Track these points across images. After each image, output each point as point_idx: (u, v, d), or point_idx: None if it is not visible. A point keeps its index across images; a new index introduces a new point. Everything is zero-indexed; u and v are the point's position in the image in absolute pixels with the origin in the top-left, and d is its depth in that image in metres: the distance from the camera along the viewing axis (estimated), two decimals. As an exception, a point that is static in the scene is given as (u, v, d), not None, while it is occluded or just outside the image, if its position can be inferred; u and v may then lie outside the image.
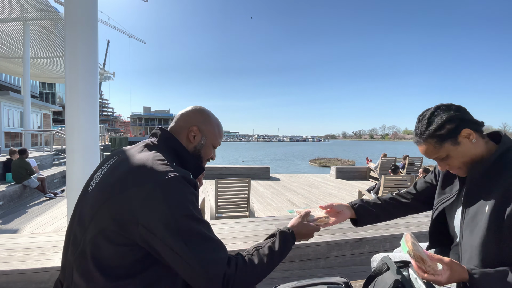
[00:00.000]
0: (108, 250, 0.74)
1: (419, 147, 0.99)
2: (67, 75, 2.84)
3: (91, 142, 2.92)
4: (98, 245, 0.74)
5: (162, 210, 0.71)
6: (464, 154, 0.92)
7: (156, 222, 0.71)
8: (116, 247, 0.73)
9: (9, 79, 20.29)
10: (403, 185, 4.43)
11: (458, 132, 0.90)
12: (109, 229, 0.73)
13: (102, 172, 0.87)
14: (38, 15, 10.35)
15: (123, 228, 0.73)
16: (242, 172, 9.37)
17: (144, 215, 0.72)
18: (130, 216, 0.72)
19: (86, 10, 2.88)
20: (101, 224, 0.75)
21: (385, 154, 9.55)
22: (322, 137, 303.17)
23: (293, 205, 5.77)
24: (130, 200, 0.73)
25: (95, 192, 0.82)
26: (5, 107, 11.99)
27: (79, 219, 0.82)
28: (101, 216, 0.75)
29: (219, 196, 3.63)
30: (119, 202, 0.74)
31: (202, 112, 1.02)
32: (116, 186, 0.77)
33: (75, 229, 0.82)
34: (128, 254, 0.74)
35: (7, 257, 1.97)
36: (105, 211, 0.75)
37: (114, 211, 0.74)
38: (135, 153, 0.86)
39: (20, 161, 5.98)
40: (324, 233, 2.59)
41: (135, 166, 0.80)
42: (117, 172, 0.81)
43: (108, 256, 0.74)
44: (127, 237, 0.73)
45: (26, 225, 4.39)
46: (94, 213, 0.77)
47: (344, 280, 1.08)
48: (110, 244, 0.73)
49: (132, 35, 69.28)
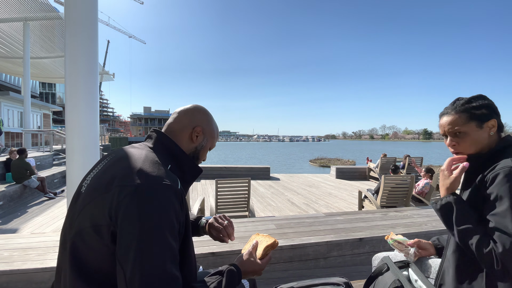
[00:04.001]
0: (85, 252, 0.72)
1: (444, 118, 1.04)
2: (67, 75, 2.84)
3: (91, 142, 2.92)
4: (77, 246, 0.72)
5: (133, 215, 0.67)
6: (478, 139, 0.98)
7: (122, 226, 0.67)
8: (91, 249, 0.71)
9: (9, 79, 20.28)
10: (403, 185, 4.42)
11: (487, 119, 0.98)
12: (85, 230, 0.72)
13: (93, 173, 0.84)
14: (38, 15, 10.35)
15: (96, 229, 0.71)
16: (242, 172, 9.36)
17: (116, 217, 0.69)
18: (105, 217, 0.70)
19: (86, 10, 2.89)
20: (80, 225, 0.73)
21: (385, 154, 9.55)
22: (322, 137, 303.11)
23: (293, 205, 5.77)
24: (110, 201, 0.70)
25: (84, 194, 0.80)
26: (5, 107, 11.99)
27: (69, 219, 0.80)
28: (82, 216, 0.74)
29: (219, 196, 3.62)
30: (100, 202, 0.72)
31: (206, 112, 1.00)
32: (102, 187, 0.75)
33: (66, 231, 0.80)
34: (105, 257, 0.71)
35: (7, 257, 1.97)
36: (86, 212, 0.73)
37: (93, 212, 0.72)
38: (129, 154, 0.83)
39: (19, 161, 5.98)
40: (324, 233, 2.59)
41: (124, 167, 0.77)
42: (107, 173, 0.79)
43: (86, 258, 0.72)
44: (100, 239, 0.70)
45: (26, 225, 4.38)
46: (78, 214, 0.75)
47: (344, 280, 1.08)
48: (86, 246, 0.72)
49: (132, 35, 69.26)
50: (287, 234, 2.55)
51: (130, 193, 0.69)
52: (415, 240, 1.25)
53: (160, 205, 0.70)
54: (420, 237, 2.59)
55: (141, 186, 0.71)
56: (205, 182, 8.21)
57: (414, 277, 1.05)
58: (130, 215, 0.68)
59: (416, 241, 1.25)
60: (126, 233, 0.67)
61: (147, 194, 0.70)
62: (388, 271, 1.11)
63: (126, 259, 0.65)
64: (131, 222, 0.67)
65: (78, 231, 0.73)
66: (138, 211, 0.68)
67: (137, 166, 0.76)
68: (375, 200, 4.47)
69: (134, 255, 0.65)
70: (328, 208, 5.63)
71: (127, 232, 0.67)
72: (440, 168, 1.06)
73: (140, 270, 0.64)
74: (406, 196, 4.43)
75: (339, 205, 5.82)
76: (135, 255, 0.65)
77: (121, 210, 0.68)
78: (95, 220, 0.71)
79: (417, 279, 1.03)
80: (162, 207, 0.70)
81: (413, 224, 2.89)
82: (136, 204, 0.68)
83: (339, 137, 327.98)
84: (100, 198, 0.73)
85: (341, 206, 5.73)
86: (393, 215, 3.21)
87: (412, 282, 1.05)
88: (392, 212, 3.37)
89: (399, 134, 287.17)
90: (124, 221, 0.67)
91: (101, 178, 0.79)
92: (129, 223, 0.67)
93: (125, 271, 0.65)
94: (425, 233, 2.64)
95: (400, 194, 4.43)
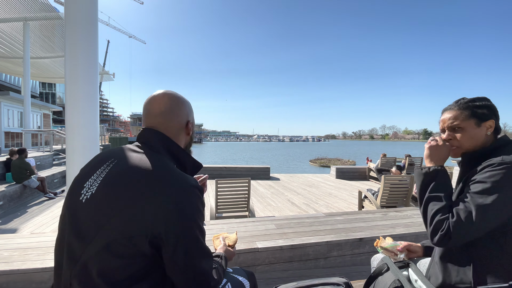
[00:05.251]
0: (115, 263, 0.71)
1: (446, 113, 1.09)
2: (67, 75, 2.84)
3: (91, 142, 2.93)
4: (104, 259, 0.71)
5: (175, 222, 0.73)
6: (474, 137, 1.02)
7: (166, 232, 0.72)
8: (122, 260, 0.72)
9: (9, 79, 20.28)
10: (403, 185, 4.42)
11: (486, 119, 1.02)
12: (117, 242, 0.71)
13: (98, 180, 0.80)
14: (38, 15, 10.34)
15: (131, 240, 0.71)
16: (242, 172, 9.36)
17: (156, 226, 0.72)
18: (140, 229, 0.71)
19: (86, 10, 2.89)
20: (108, 238, 0.71)
21: (385, 154, 9.56)
22: (322, 137, 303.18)
23: (293, 205, 5.77)
24: (142, 213, 0.71)
25: (98, 204, 0.76)
26: (5, 107, 11.98)
27: (76, 231, 0.76)
28: (108, 230, 0.72)
29: (219, 196, 3.62)
30: (129, 215, 0.72)
31: (185, 101, 0.97)
32: (125, 198, 0.73)
33: (71, 240, 0.76)
34: (134, 264, 0.73)
35: (7, 257, 1.97)
36: (113, 225, 0.72)
37: (123, 225, 0.71)
38: (137, 160, 0.81)
39: (19, 161, 5.98)
40: (324, 233, 2.59)
41: (143, 176, 0.76)
42: (122, 182, 0.77)
43: (115, 268, 0.72)
44: (135, 249, 0.71)
45: (26, 225, 4.38)
46: (100, 227, 0.73)
47: (344, 280, 1.08)
48: (117, 257, 0.71)
49: (132, 35, 69.23)
50: (287, 234, 2.55)
51: (163, 203, 0.73)
52: (405, 244, 1.25)
53: (194, 207, 0.78)
54: (420, 237, 2.60)
55: (175, 195, 0.75)
56: (205, 182, 8.20)
57: (414, 277, 1.05)
58: (172, 225, 0.73)
59: (405, 245, 1.25)
60: (173, 241, 0.73)
61: (182, 201, 0.75)
62: (388, 271, 1.11)
63: (177, 259, 0.74)
64: (176, 231, 0.73)
65: (106, 244, 0.71)
66: (180, 220, 0.74)
67: (159, 174, 0.77)
68: (375, 200, 4.47)
69: (183, 256, 0.74)
70: (328, 208, 5.63)
71: (174, 241, 0.73)
72: (431, 138, 1.10)
73: (193, 264, 0.77)
74: (406, 196, 4.43)
75: (339, 205, 5.82)
76: (184, 255, 0.75)
77: (162, 222, 0.72)
78: (128, 233, 0.71)
79: (417, 279, 1.03)
80: (194, 207, 0.78)
81: (413, 224, 2.89)
82: (176, 214, 0.73)
83: (339, 137, 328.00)
84: (127, 211, 0.72)
85: (341, 206, 5.73)
86: (393, 215, 3.22)
87: (412, 282, 1.05)
88: (392, 212, 3.37)
89: (399, 134, 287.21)
90: (169, 233, 0.73)
91: (115, 189, 0.76)
92: (175, 234, 0.73)
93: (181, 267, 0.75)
94: (425, 233, 2.64)
95: (400, 194, 4.43)
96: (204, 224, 0.89)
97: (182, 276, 0.76)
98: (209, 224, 2.80)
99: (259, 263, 2.27)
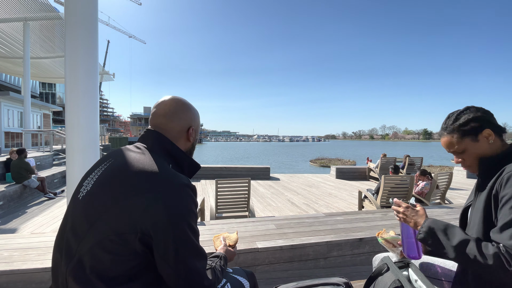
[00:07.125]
0: (107, 260, 0.73)
1: (441, 140, 1.09)
2: (67, 75, 2.84)
3: (91, 142, 2.93)
4: (96, 255, 0.73)
5: (163, 219, 0.73)
6: (480, 151, 1.01)
7: (155, 229, 0.73)
8: (115, 257, 0.73)
9: (9, 79, 20.28)
10: (403, 185, 4.42)
11: (480, 131, 1.00)
12: (108, 239, 0.72)
13: (94, 178, 0.83)
14: (38, 15, 10.34)
15: (122, 237, 0.72)
16: (242, 172, 9.35)
17: (145, 223, 0.72)
18: (130, 226, 0.72)
19: (86, 10, 2.89)
20: (99, 235, 0.73)
21: (385, 154, 9.55)
22: (322, 137, 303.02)
23: (293, 205, 5.77)
24: (131, 210, 0.73)
25: (91, 201, 0.79)
26: (5, 107, 11.98)
27: (72, 228, 0.79)
28: (100, 226, 0.74)
29: (219, 196, 3.62)
30: (119, 212, 0.73)
31: (191, 108, 1.00)
32: (115, 195, 0.75)
33: (68, 237, 0.79)
34: (127, 261, 0.74)
35: (7, 257, 1.97)
36: (104, 222, 0.74)
37: (113, 221, 0.73)
38: (131, 158, 0.83)
39: (19, 161, 5.98)
40: (324, 233, 2.59)
41: (134, 173, 0.78)
42: (114, 179, 0.79)
43: (108, 265, 0.73)
44: (126, 246, 0.73)
45: (26, 225, 4.38)
46: (92, 223, 0.75)
47: (344, 281, 1.08)
48: (109, 254, 0.72)
49: (132, 35, 69.25)
50: (287, 234, 2.55)
51: (153, 200, 0.74)
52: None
53: (184, 205, 0.77)
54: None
55: (163, 192, 0.75)
56: (205, 182, 8.21)
57: (414, 277, 1.05)
58: (161, 222, 0.73)
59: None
60: (162, 239, 0.73)
61: (171, 198, 0.75)
62: (388, 271, 1.11)
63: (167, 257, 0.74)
64: (164, 229, 0.73)
65: (99, 241, 0.73)
66: (168, 218, 0.73)
67: (148, 172, 0.78)
68: (375, 200, 4.47)
69: (174, 254, 0.74)
70: (328, 208, 5.63)
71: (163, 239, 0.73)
72: (394, 213, 1.17)
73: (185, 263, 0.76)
74: (406, 196, 4.43)
75: (339, 205, 5.82)
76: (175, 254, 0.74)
77: (150, 219, 0.73)
78: (118, 229, 0.72)
79: (417, 279, 1.03)
80: (185, 205, 0.78)
81: (413, 224, 2.88)
82: (164, 212, 0.73)
83: (339, 137, 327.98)
84: (117, 208, 0.74)
85: (341, 206, 5.73)
86: (393, 215, 3.22)
87: (412, 282, 1.05)
88: (392, 212, 3.37)
89: (399, 134, 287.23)
90: (158, 231, 0.73)
91: (108, 186, 0.79)
92: (163, 231, 0.73)
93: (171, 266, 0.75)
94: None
95: (400, 194, 4.43)
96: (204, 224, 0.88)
97: (174, 275, 0.76)
98: (209, 224, 2.80)
99: (259, 263, 2.27)
